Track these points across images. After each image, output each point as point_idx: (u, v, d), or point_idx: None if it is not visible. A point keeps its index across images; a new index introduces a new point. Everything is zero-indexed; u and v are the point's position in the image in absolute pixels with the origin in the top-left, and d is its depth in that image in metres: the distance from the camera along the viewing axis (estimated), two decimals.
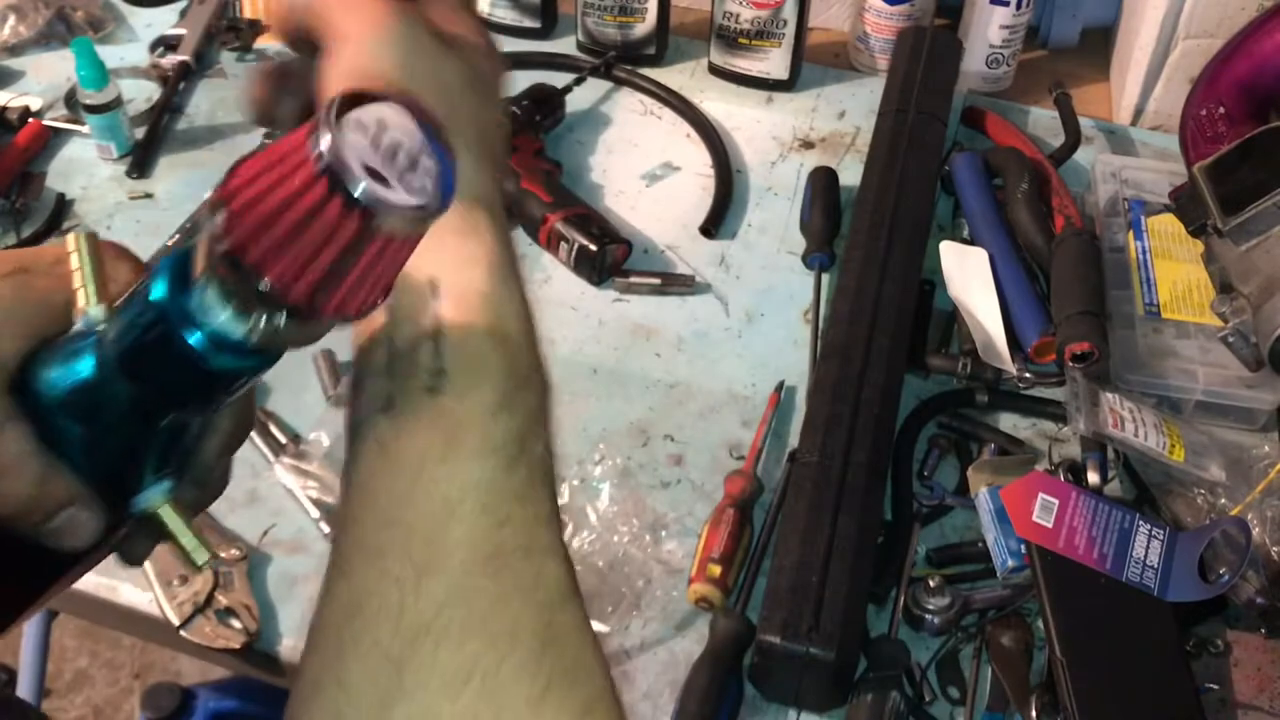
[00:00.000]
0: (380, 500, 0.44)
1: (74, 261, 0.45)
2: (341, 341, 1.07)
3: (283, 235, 0.37)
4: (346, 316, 0.41)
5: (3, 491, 0.43)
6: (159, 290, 0.41)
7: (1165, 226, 1.09)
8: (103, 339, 0.43)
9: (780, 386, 1.02)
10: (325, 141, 0.37)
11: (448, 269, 0.47)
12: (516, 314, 0.49)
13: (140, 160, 1.20)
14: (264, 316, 0.40)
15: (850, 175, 1.18)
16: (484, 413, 0.45)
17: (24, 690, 1.44)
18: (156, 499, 0.45)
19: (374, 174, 0.37)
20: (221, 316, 0.40)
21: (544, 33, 1.37)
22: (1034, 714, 0.80)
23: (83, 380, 0.43)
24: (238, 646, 0.85)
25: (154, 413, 0.44)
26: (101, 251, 0.46)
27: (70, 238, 0.45)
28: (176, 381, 0.42)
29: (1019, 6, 1.27)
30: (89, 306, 0.44)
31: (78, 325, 0.44)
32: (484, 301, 0.47)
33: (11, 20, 1.32)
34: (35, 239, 1.11)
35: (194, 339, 0.40)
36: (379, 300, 0.41)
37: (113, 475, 0.45)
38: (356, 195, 0.37)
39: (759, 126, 1.29)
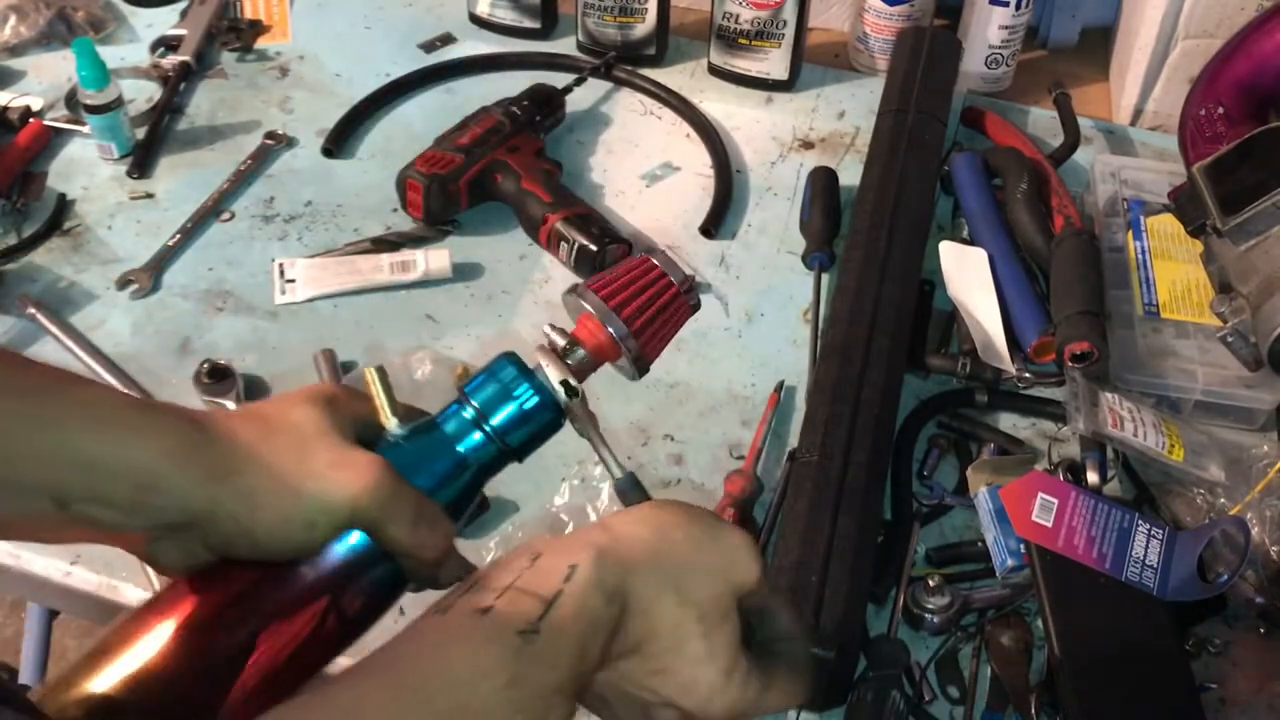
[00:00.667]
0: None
1: (375, 390, 0.61)
2: (341, 341, 1.07)
3: (647, 316, 0.67)
4: (649, 364, 0.69)
5: (436, 548, 0.59)
6: (506, 365, 0.63)
7: (1164, 226, 1.09)
8: (444, 424, 0.62)
9: (780, 386, 1.02)
10: (677, 275, 0.69)
11: None
12: None
13: (141, 160, 1.20)
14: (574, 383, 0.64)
15: (850, 175, 1.19)
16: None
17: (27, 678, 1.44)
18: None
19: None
20: (556, 381, 0.63)
21: (544, 33, 1.37)
22: (1033, 713, 0.80)
23: (445, 450, 0.62)
24: None
25: (496, 468, 0.64)
26: (386, 377, 0.61)
27: (369, 373, 0.61)
28: (528, 440, 0.63)
29: (1018, 7, 1.27)
30: (389, 422, 0.61)
31: (389, 434, 0.61)
32: None
33: (12, 20, 1.32)
34: (36, 239, 1.12)
35: (548, 400, 0.63)
36: (662, 349, 0.69)
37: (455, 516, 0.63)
38: (697, 302, 0.70)
39: (759, 126, 1.29)
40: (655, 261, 0.68)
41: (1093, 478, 0.93)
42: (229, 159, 1.21)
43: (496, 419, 0.62)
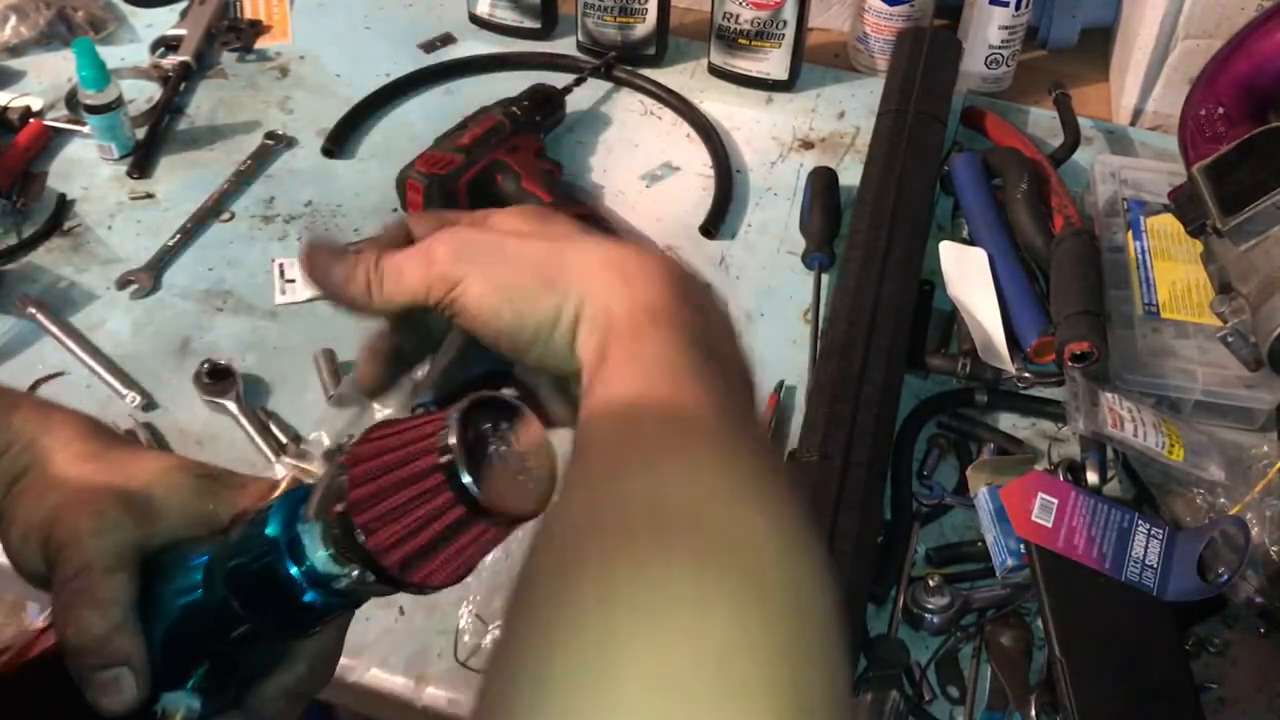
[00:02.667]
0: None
1: (277, 494, 0.51)
2: (341, 341, 1.07)
3: (391, 508, 0.43)
4: (426, 588, 0.45)
5: (84, 623, 0.48)
6: (274, 522, 0.47)
7: (1164, 226, 1.09)
8: (217, 554, 0.49)
9: (780, 386, 1.02)
10: (451, 438, 0.42)
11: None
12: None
13: (141, 160, 1.20)
14: (357, 570, 0.45)
15: (850, 175, 1.19)
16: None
17: None
18: (179, 709, 0.50)
19: (484, 474, 0.42)
20: (320, 557, 0.45)
21: (544, 33, 1.37)
22: (1033, 713, 0.80)
23: (190, 573, 0.50)
24: None
25: (231, 625, 0.49)
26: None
27: (285, 480, 0.53)
28: (262, 602, 0.47)
29: (1018, 7, 1.27)
30: None
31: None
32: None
33: (12, 20, 1.32)
34: (36, 239, 1.12)
35: (291, 569, 0.46)
36: (459, 579, 0.45)
37: (169, 664, 0.50)
38: (468, 492, 0.42)
39: (759, 127, 1.29)
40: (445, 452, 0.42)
41: (1093, 478, 0.93)
42: (229, 159, 1.21)
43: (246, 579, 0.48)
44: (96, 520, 0.50)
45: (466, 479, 0.42)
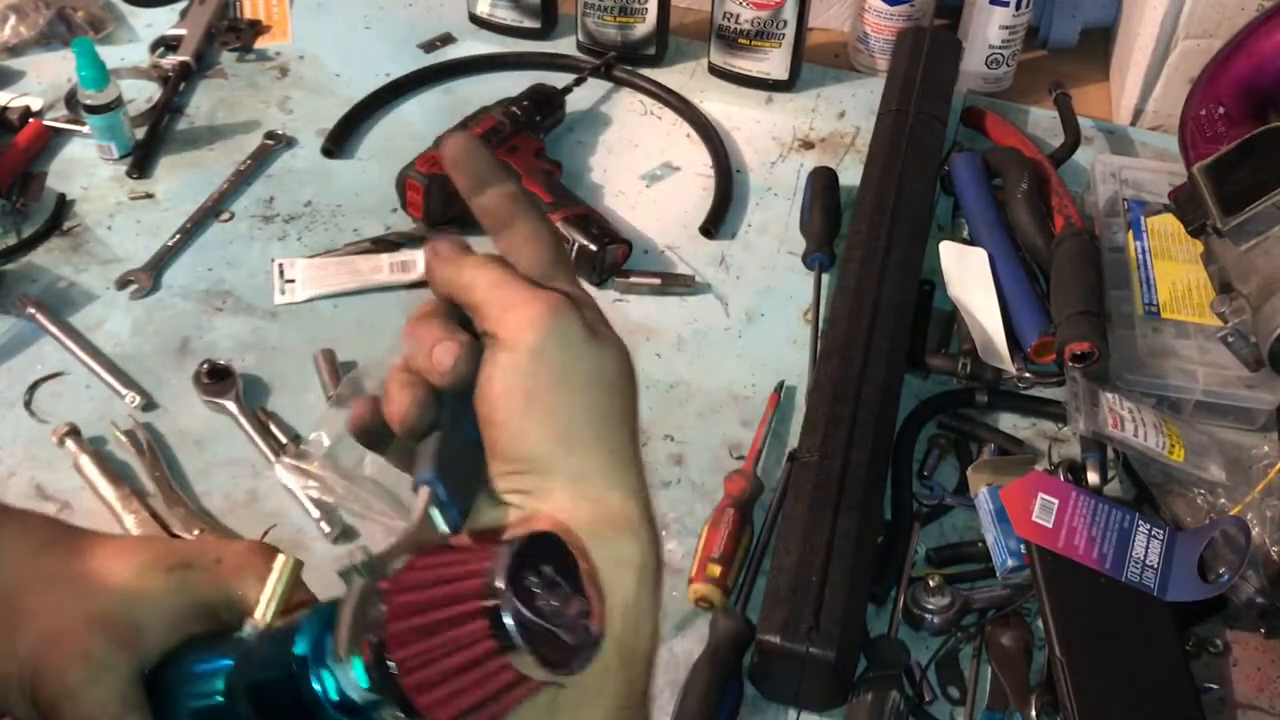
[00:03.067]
0: None
1: (271, 580, 0.49)
2: (341, 341, 1.07)
3: (430, 649, 0.40)
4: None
5: None
6: (302, 643, 0.44)
7: (1165, 226, 1.09)
8: (239, 664, 0.47)
9: (780, 386, 1.02)
10: (499, 581, 0.39)
11: (601, 565, 0.44)
12: (651, 632, 0.46)
13: (141, 160, 1.20)
14: (386, 703, 0.42)
15: (850, 175, 1.19)
16: None
17: None
18: None
19: (530, 628, 0.40)
20: (349, 682, 0.42)
21: (544, 33, 1.37)
22: (1033, 714, 0.80)
23: (200, 684, 0.48)
24: None
25: None
26: (298, 577, 0.50)
27: (279, 561, 0.50)
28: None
29: (1019, 6, 1.27)
30: (261, 624, 0.49)
31: (244, 633, 0.49)
32: (625, 612, 0.44)
33: (12, 20, 1.32)
34: (36, 239, 1.11)
35: (318, 691, 0.43)
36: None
37: None
38: (512, 644, 0.39)
39: (759, 126, 1.29)
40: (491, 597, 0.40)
41: (1093, 478, 0.93)
42: (229, 159, 1.21)
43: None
44: (85, 668, 0.47)
45: (511, 638, 0.39)
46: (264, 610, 0.50)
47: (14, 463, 0.95)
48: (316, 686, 0.43)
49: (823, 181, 1.18)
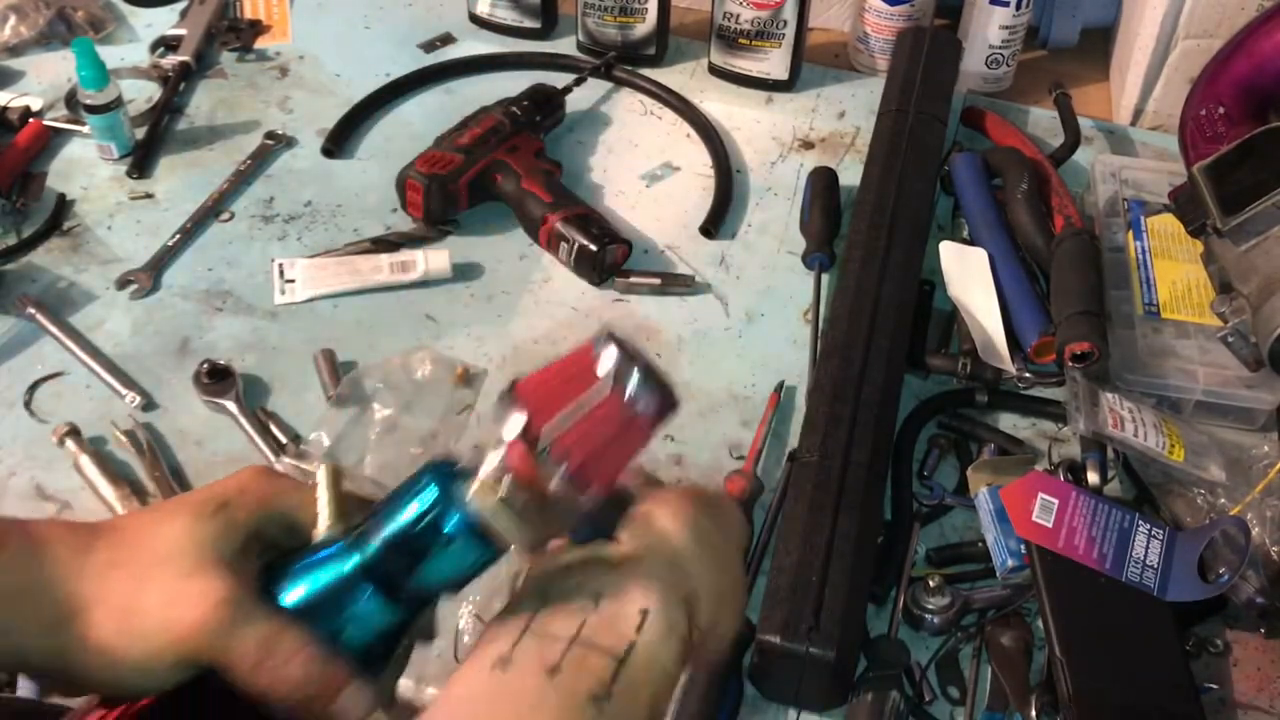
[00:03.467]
0: None
1: (320, 491, 0.54)
2: (341, 341, 1.07)
3: (576, 425, 0.51)
4: (599, 490, 0.52)
5: (294, 684, 0.50)
6: (431, 486, 0.51)
7: (1165, 226, 1.09)
8: (360, 541, 0.52)
9: (780, 386, 1.02)
10: (611, 356, 0.51)
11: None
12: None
13: (140, 160, 1.20)
14: (518, 503, 0.51)
15: (850, 175, 1.19)
16: None
17: (24, 690, 1.44)
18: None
19: (635, 360, 0.52)
20: (489, 503, 0.50)
21: (544, 33, 1.37)
22: (1033, 714, 0.80)
23: (339, 581, 0.52)
24: None
25: (408, 599, 0.52)
26: (340, 480, 0.55)
27: (321, 471, 0.55)
28: (437, 568, 0.51)
29: (1019, 6, 1.27)
30: (328, 529, 0.53)
31: (319, 540, 0.53)
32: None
33: (12, 20, 1.32)
34: (36, 239, 1.11)
35: (456, 523, 0.51)
36: (615, 479, 0.54)
37: (369, 655, 0.53)
38: (631, 392, 0.51)
39: (759, 126, 1.29)
40: (607, 366, 0.52)
41: (1093, 478, 0.93)
42: (229, 159, 1.21)
43: (410, 551, 0.52)
44: (228, 613, 0.49)
45: (630, 379, 0.51)
46: (324, 518, 0.54)
47: (14, 463, 0.95)
48: (451, 516, 0.50)
49: (823, 181, 1.18)
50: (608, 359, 0.51)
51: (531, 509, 0.50)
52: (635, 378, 0.51)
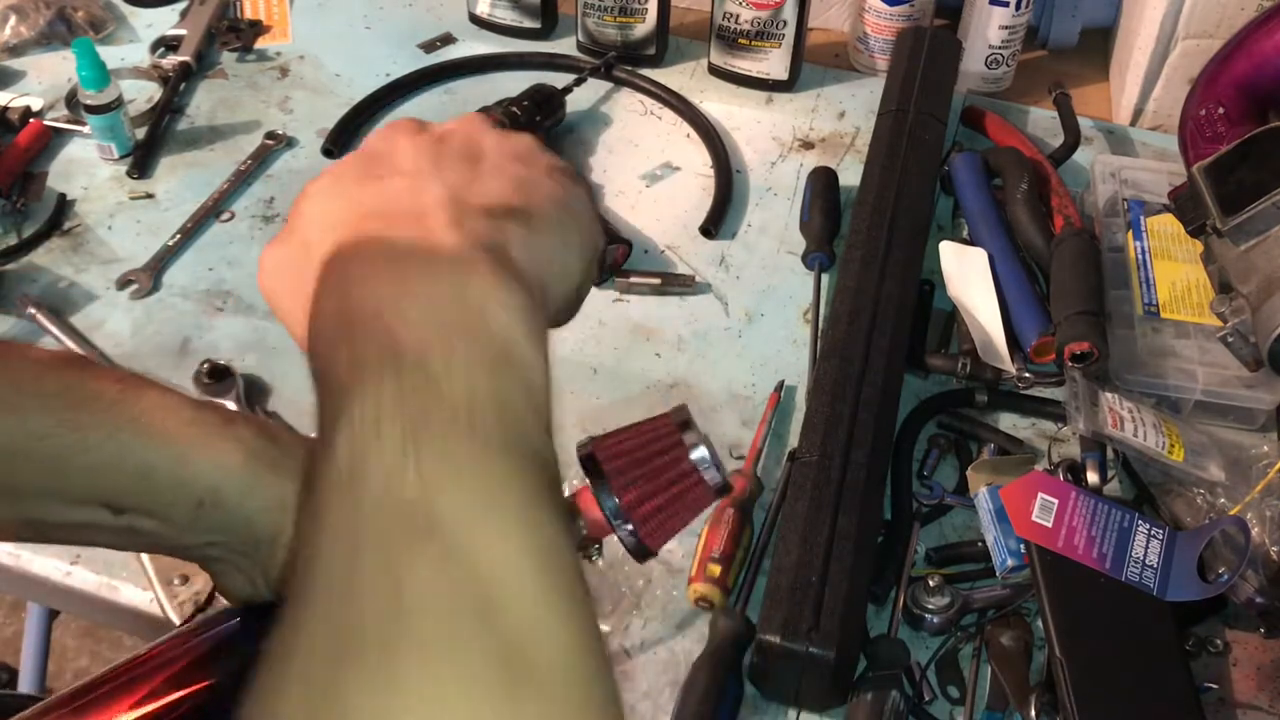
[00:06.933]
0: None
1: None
2: None
3: (656, 496, 0.59)
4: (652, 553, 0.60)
5: None
6: None
7: (1164, 226, 1.09)
8: None
9: (780, 386, 1.02)
10: (699, 452, 0.59)
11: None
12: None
13: (141, 160, 1.20)
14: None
15: (850, 175, 1.19)
16: None
17: (25, 689, 1.44)
18: None
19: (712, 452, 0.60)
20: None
21: (544, 33, 1.37)
22: (1033, 713, 0.80)
23: None
24: None
25: None
26: None
27: None
28: None
29: (1018, 7, 1.27)
30: None
31: None
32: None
33: (12, 20, 1.32)
34: (36, 239, 1.12)
35: None
36: (667, 539, 0.60)
37: None
38: (710, 482, 0.59)
39: (759, 127, 1.29)
40: (686, 441, 0.59)
41: (1093, 478, 0.93)
42: (229, 159, 1.21)
43: None
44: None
45: (703, 452, 0.58)
46: None
47: None
48: None
49: (823, 181, 1.18)
50: (699, 452, 0.59)
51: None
52: (716, 472, 0.59)
